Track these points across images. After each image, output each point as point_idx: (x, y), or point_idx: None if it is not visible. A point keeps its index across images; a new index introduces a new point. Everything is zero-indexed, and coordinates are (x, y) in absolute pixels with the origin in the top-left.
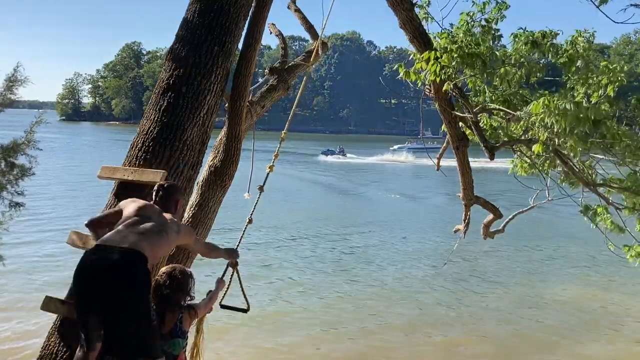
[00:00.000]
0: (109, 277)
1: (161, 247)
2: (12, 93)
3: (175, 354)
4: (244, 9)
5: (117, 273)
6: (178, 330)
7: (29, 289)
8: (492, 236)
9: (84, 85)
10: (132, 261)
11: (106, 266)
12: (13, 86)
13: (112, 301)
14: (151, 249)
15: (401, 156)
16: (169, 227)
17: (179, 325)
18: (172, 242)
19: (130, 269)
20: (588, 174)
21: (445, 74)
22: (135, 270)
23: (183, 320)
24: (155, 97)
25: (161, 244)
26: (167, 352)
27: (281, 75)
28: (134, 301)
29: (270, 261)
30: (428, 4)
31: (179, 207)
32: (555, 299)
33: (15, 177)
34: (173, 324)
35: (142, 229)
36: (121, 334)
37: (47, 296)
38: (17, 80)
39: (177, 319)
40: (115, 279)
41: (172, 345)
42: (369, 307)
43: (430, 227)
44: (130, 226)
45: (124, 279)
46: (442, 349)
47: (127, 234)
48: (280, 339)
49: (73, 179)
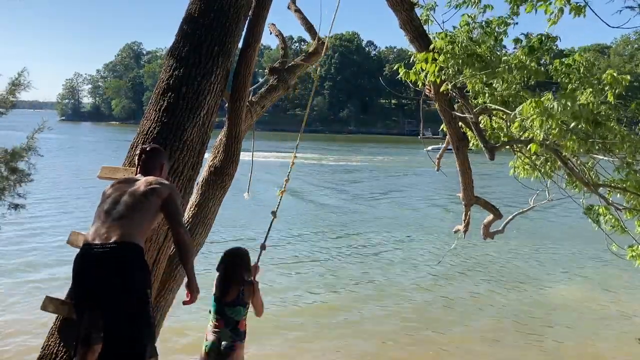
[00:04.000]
0: (102, 278)
1: (146, 219)
2: (14, 97)
3: (237, 319)
4: (244, 9)
5: (110, 272)
6: (240, 300)
7: (29, 289)
8: (492, 236)
9: (84, 86)
10: (124, 258)
11: (99, 266)
12: (16, 90)
13: (108, 301)
14: (138, 228)
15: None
16: (147, 191)
17: (241, 295)
18: (154, 205)
19: (122, 267)
20: (588, 175)
21: (444, 74)
22: (127, 266)
23: (245, 292)
24: (155, 97)
25: (144, 215)
26: (230, 317)
27: (281, 75)
28: (130, 299)
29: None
30: (433, 8)
31: (163, 172)
32: (555, 299)
33: (15, 181)
34: (236, 295)
35: (118, 212)
36: (115, 333)
37: (46, 296)
38: (20, 84)
39: (240, 291)
40: (108, 280)
41: (235, 312)
42: (370, 307)
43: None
44: (106, 214)
45: (118, 278)
46: (441, 349)
47: (108, 226)
48: (280, 339)
49: (73, 179)
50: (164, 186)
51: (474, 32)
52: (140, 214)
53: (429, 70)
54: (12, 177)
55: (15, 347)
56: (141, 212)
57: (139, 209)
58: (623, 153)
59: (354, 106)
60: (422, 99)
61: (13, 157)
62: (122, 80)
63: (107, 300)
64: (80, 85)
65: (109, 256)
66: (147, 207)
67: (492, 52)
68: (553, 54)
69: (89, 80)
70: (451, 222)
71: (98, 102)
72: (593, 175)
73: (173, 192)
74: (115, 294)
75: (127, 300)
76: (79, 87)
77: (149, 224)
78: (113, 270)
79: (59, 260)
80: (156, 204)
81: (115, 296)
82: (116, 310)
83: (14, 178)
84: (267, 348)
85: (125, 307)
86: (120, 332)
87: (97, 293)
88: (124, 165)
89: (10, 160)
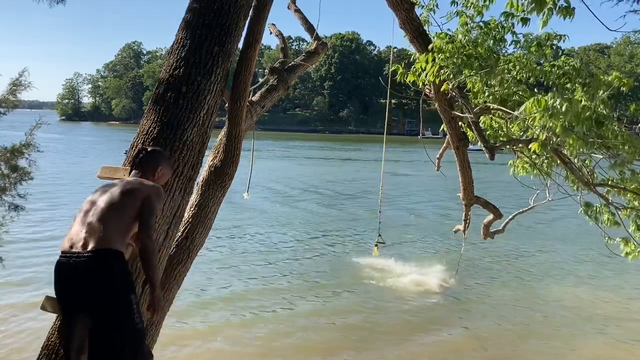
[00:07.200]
0: (81, 289)
1: (124, 221)
2: (15, 97)
3: None
4: (244, 9)
5: (89, 283)
6: None
7: (28, 289)
8: (492, 236)
9: (84, 85)
10: (101, 267)
11: (77, 277)
12: (16, 90)
13: (91, 311)
14: (116, 231)
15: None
16: (125, 191)
17: None
18: (132, 206)
19: (100, 277)
20: (588, 175)
21: (444, 74)
22: (106, 274)
23: None
24: (155, 97)
25: (122, 217)
26: None
27: (281, 75)
28: (112, 308)
29: (274, 260)
30: (433, 9)
31: (158, 176)
32: (555, 300)
33: (15, 179)
34: None
35: (95, 214)
36: (98, 342)
37: (46, 296)
38: (21, 84)
39: None
40: (88, 290)
41: None
42: (369, 305)
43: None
44: (84, 215)
45: (97, 288)
46: (440, 348)
47: (86, 230)
48: (279, 339)
49: (73, 179)
50: (145, 187)
51: (472, 32)
52: (118, 215)
53: (428, 70)
54: (13, 175)
55: (16, 346)
56: (119, 213)
57: (117, 210)
58: (624, 153)
59: (354, 106)
60: (422, 99)
61: (13, 154)
62: (122, 80)
63: (90, 310)
64: (80, 85)
65: (86, 266)
66: (125, 208)
67: (491, 52)
68: (554, 53)
69: (89, 80)
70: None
71: (98, 102)
72: (591, 175)
73: (153, 194)
74: (97, 304)
75: (109, 309)
76: (79, 87)
77: (129, 226)
78: (91, 281)
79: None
80: (134, 205)
81: (96, 306)
82: (99, 320)
83: (15, 176)
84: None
85: (108, 316)
86: (104, 341)
87: (80, 303)
88: (123, 165)
89: (10, 158)
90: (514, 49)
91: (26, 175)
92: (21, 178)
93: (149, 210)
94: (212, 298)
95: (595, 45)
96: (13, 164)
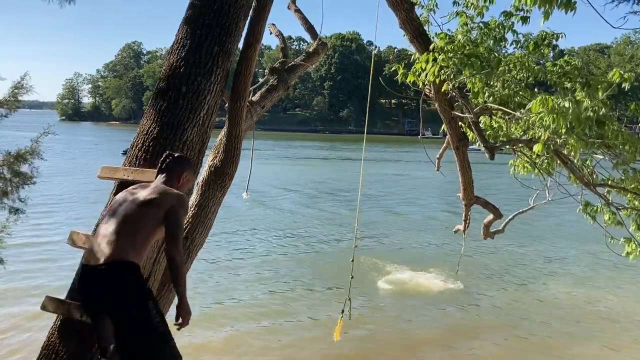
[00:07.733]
0: (101, 300)
1: (144, 231)
2: (17, 100)
3: None
4: (244, 9)
5: (106, 295)
6: None
7: (29, 289)
8: (492, 236)
9: (84, 85)
10: (118, 278)
11: (95, 289)
12: (18, 93)
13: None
14: (134, 242)
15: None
16: (148, 201)
17: None
18: (155, 216)
19: (115, 287)
20: (588, 175)
21: (444, 74)
22: (119, 284)
23: None
24: (155, 97)
25: (143, 227)
26: None
27: (281, 76)
28: (131, 317)
29: (277, 260)
30: (433, 10)
31: (183, 182)
32: (555, 300)
33: (17, 184)
34: None
35: (116, 223)
36: (124, 353)
37: (47, 296)
38: (23, 87)
39: None
40: (107, 301)
41: None
42: (368, 306)
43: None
44: (105, 224)
45: (114, 300)
46: (439, 348)
47: (106, 240)
48: (279, 339)
49: (73, 179)
50: (169, 196)
51: (472, 32)
52: (137, 225)
53: (428, 70)
54: (15, 180)
55: (16, 346)
56: (140, 224)
57: (138, 220)
58: (624, 152)
59: (354, 106)
60: (422, 99)
61: (17, 159)
62: (122, 80)
63: (112, 318)
64: (80, 85)
65: (102, 279)
66: (145, 217)
67: (490, 52)
68: (553, 53)
69: (89, 80)
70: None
71: (98, 102)
72: (591, 175)
73: (177, 204)
74: (116, 316)
75: (128, 317)
76: (79, 87)
77: (148, 237)
78: (108, 293)
79: (59, 260)
80: (157, 215)
81: (116, 318)
82: (121, 328)
83: (17, 180)
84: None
85: (129, 325)
86: (130, 349)
87: (102, 310)
88: (124, 165)
89: (13, 163)
90: (514, 48)
91: (28, 180)
92: (23, 182)
93: (176, 224)
94: (213, 300)
95: (595, 45)
96: (16, 169)
